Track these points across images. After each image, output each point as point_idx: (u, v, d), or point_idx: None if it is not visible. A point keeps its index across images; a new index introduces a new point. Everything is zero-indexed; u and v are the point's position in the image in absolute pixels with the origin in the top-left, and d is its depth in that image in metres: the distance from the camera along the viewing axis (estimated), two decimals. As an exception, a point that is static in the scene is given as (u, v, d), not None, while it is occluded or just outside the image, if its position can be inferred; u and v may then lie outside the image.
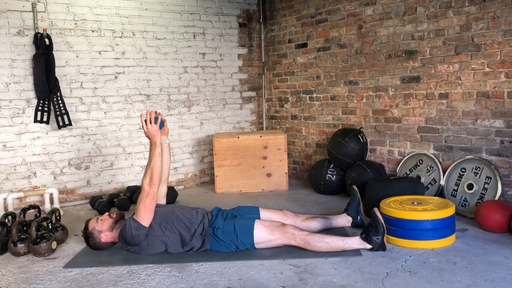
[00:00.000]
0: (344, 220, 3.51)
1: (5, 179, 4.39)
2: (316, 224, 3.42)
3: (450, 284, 2.55)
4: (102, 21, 4.79)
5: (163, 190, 3.44)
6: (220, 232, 3.12)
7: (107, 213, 3.29)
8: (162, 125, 3.20)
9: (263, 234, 3.10)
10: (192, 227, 3.14)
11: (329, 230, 3.42)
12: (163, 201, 3.48)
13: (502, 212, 3.33)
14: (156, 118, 3.13)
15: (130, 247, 3.13)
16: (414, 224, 3.10)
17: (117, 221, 3.23)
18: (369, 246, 3.03)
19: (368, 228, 3.07)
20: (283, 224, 3.17)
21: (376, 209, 3.08)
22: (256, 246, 3.13)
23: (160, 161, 3.08)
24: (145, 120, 3.11)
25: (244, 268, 2.87)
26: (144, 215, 3.03)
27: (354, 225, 3.51)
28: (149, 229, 3.07)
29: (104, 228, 3.20)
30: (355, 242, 3.04)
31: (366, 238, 3.04)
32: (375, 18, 4.54)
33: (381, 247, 3.03)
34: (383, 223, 3.04)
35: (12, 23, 4.33)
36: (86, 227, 3.25)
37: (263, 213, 3.41)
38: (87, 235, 3.22)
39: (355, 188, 3.64)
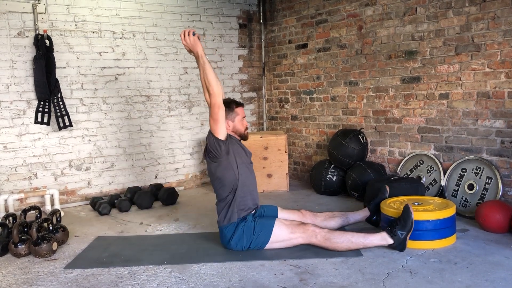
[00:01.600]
0: (362, 215, 3.49)
1: (5, 180, 4.39)
2: (334, 223, 3.40)
3: (451, 284, 2.55)
4: (102, 22, 4.80)
5: (220, 89, 3.28)
6: (241, 228, 3.12)
7: (247, 130, 3.39)
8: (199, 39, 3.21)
9: (283, 233, 3.09)
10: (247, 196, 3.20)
11: (350, 228, 3.40)
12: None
13: (502, 213, 3.33)
14: (193, 33, 3.12)
15: (212, 157, 3.15)
16: (415, 224, 3.09)
17: (235, 135, 3.30)
18: (391, 241, 3.00)
19: (396, 221, 3.04)
20: (303, 223, 3.17)
21: (410, 204, 3.05)
22: (273, 245, 3.11)
23: (211, 69, 3.09)
24: (184, 33, 3.10)
25: (245, 268, 2.87)
26: (216, 127, 3.07)
27: (368, 221, 3.48)
28: (226, 156, 3.11)
29: (233, 124, 3.28)
30: (377, 238, 3.02)
31: (390, 231, 3.01)
32: (375, 19, 4.54)
33: (401, 244, 2.99)
34: (413, 220, 2.99)
35: (12, 25, 4.33)
36: (239, 104, 3.33)
37: (281, 214, 3.40)
38: (232, 106, 3.27)
39: (387, 187, 3.58)
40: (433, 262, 2.87)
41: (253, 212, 3.25)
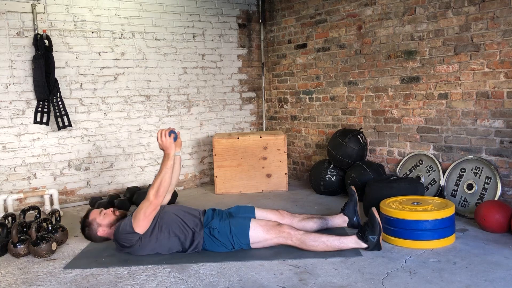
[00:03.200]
0: (341, 220, 3.51)
1: (5, 180, 4.38)
2: (312, 224, 3.42)
3: (450, 284, 2.55)
4: (101, 22, 4.80)
5: (167, 198, 3.44)
6: (217, 232, 3.12)
7: (112, 209, 3.29)
8: (176, 138, 3.21)
9: (259, 234, 3.11)
10: (186, 229, 3.13)
11: (326, 230, 3.41)
12: (167, 198, 3.46)
13: (502, 212, 3.33)
14: (171, 132, 3.12)
15: (122, 248, 3.11)
16: (414, 224, 3.10)
17: (118, 220, 3.22)
18: (365, 245, 3.03)
19: (364, 227, 3.08)
20: (279, 224, 3.17)
21: (373, 209, 3.09)
22: (252, 246, 3.13)
23: (171, 174, 3.06)
24: (160, 133, 3.10)
25: (244, 268, 2.87)
26: (142, 223, 3.01)
27: (350, 225, 3.51)
28: (143, 234, 3.06)
29: (104, 223, 3.19)
30: (351, 241, 3.05)
31: (362, 237, 3.04)
32: (375, 19, 4.54)
33: (376, 246, 3.03)
34: (380, 222, 3.04)
35: (11, 24, 4.33)
36: (87, 216, 3.23)
37: (259, 213, 3.41)
38: (85, 224, 3.20)
39: (353, 188, 3.64)
40: (432, 262, 2.87)
41: (200, 221, 3.19)
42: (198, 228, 3.14)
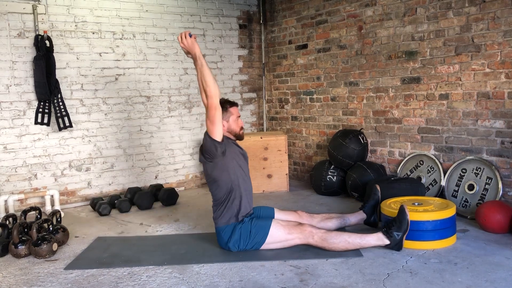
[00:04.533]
0: (359, 218, 3.48)
1: (6, 181, 4.39)
2: (331, 224, 3.39)
3: (451, 284, 2.55)
4: (102, 23, 4.80)
5: (216, 91, 3.23)
6: (243, 228, 3.11)
7: (242, 130, 3.40)
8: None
9: (280, 233, 3.09)
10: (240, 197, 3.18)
11: (347, 229, 3.39)
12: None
13: (503, 213, 3.33)
14: (190, 35, 3.12)
15: (208, 157, 3.14)
16: (415, 225, 3.10)
17: (232, 137, 3.31)
18: (387, 242, 3.01)
19: (392, 222, 3.05)
20: (300, 223, 3.16)
21: (405, 205, 3.06)
22: (270, 246, 3.11)
23: (208, 71, 3.07)
24: (181, 36, 3.10)
25: (245, 269, 2.87)
26: (213, 128, 3.05)
27: (367, 223, 3.48)
28: (222, 157, 3.11)
29: (228, 124, 3.26)
30: (373, 238, 3.03)
31: (387, 232, 3.02)
32: (375, 19, 4.54)
33: (397, 245, 3.00)
34: (409, 221, 3.00)
35: (12, 25, 4.33)
36: (233, 104, 3.34)
37: (278, 215, 3.39)
38: (227, 106, 3.26)
39: (378, 187, 3.59)
40: (433, 262, 2.87)
41: (249, 213, 3.24)
42: (236, 190, 3.18)
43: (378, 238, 3.02)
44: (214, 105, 3.04)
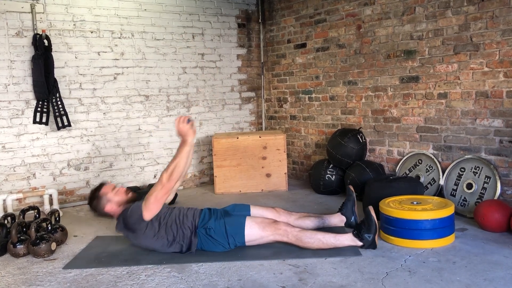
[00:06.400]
0: (338, 220, 3.50)
1: (4, 180, 4.38)
2: (309, 223, 3.40)
3: (450, 283, 2.55)
4: (101, 22, 4.79)
5: (176, 185, 3.39)
6: (213, 231, 3.11)
7: (125, 188, 3.30)
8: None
9: (255, 231, 3.11)
10: (182, 228, 3.12)
11: (324, 229, 3.39)
12: (171, 195, 3.47)
13: (501, 212, 3.33)
14: (188, 120, 3.13)
15: (126, 230, 3.11)
16: (414, 223, 3.10)
17: (128, 202, 3.22)
18: (360, 243, 3.05)
19: (360, 225, 3.09)
20: (275, 221, 3.17)
21: (370, 207, 3.09)
22: (247, 243, 3.13)
23: (186, 160, 3.06)
24: (178, 120, 3.10)
25: (244, 268, 2.87)
26: (152, 206, 3.01)
27: (348, 225, 3.49)
28: (149, 223, 3.06)
29: (114, 200, 3.21)
30: (347, 238, 3.06)
31: (357, 235, 3.05)
32: (374, 18, 4.54)
33: (371, 245, 3.04)
34: (376, 221, 3.05)
35: (11, 24, 4.32)
36: (99, 188, 3.25)
37: (255, 210, 3.41)
38: (95, 196, 3.22)
39: (351, 188, 3.64)
40: (432, 261, 2.87)
41: (194, 221, 3.18)
42: (192, 229, 3.13)
43: (351, 239, 3.06)
44: (169, 189, 3.01)
